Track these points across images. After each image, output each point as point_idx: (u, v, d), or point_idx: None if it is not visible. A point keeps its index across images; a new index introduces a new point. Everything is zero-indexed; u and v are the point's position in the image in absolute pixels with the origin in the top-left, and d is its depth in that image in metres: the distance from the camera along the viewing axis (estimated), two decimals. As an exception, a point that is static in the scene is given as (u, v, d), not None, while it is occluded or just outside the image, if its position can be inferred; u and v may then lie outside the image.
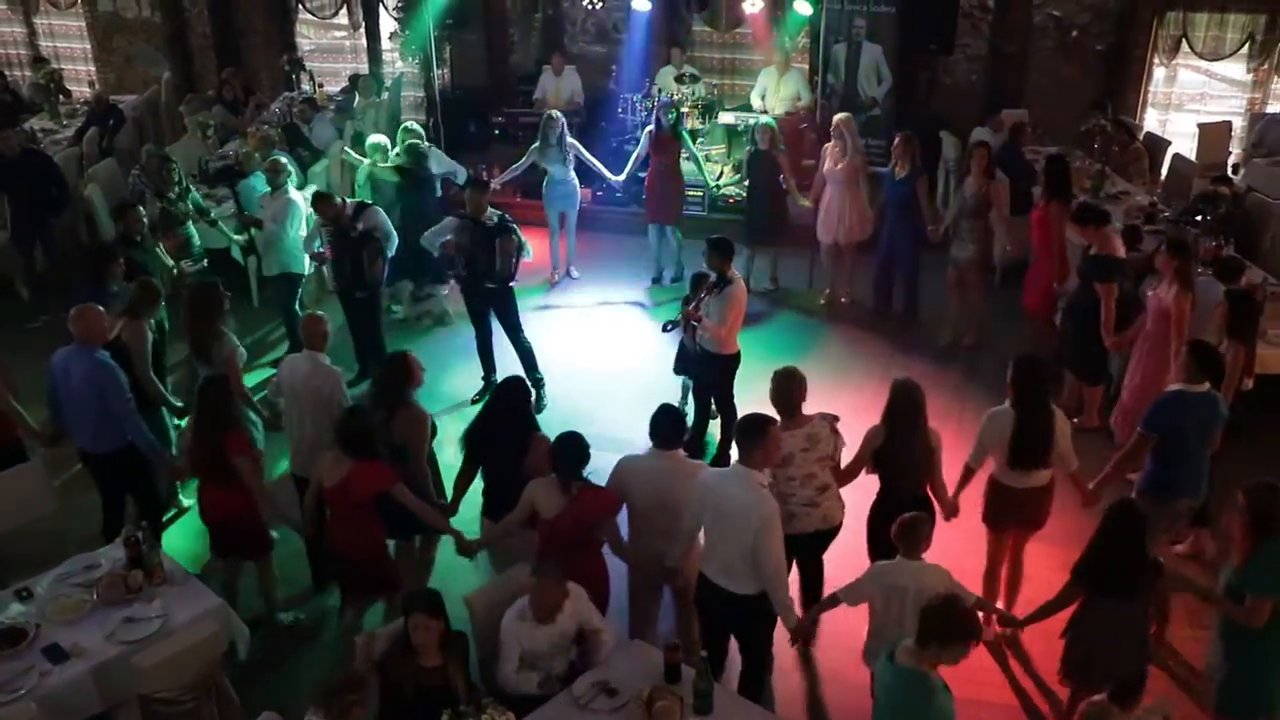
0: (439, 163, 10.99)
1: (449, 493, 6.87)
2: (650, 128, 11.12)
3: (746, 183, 11.18)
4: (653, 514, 5.96)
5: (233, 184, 10.71)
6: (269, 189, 9.78)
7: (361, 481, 6.08)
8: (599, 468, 6.04)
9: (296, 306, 9.75)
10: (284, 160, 10.09)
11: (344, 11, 15.69)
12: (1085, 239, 8.48)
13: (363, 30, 15.74)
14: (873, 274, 10.77)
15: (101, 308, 7.06)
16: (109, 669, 5.61)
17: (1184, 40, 12.92)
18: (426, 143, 11.00)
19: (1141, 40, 12.97)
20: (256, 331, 10.54)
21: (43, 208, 10.91)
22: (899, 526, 5.53)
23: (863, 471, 6.47)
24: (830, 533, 6.44)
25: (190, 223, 9.77)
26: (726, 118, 13.09)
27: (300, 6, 15.78)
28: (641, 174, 11.35)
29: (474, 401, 9.33)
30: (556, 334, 10.48)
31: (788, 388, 6.31)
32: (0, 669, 5.49)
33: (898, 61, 12.81)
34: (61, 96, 14.76)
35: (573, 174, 11.11)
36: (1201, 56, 12.97)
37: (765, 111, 12.59)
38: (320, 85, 14.65)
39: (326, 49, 16.20)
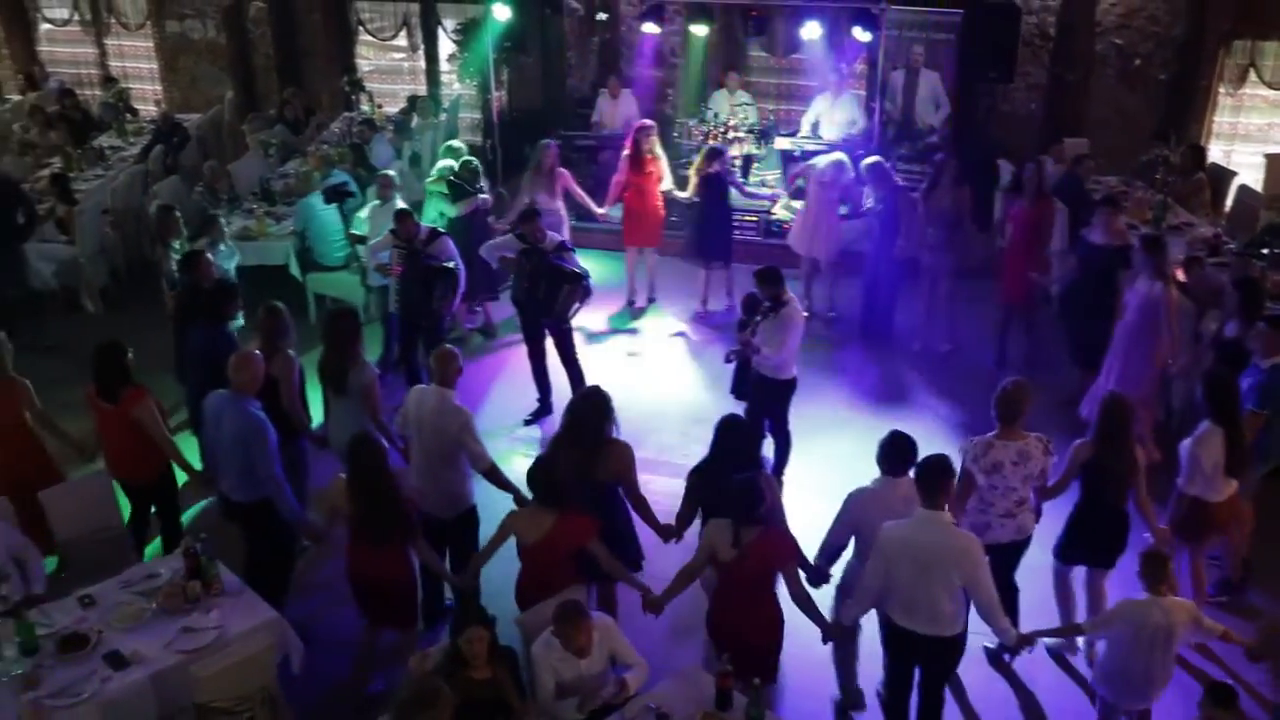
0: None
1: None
2: (626, 152, 11.08)
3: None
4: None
5: (343, 202, 10.79)
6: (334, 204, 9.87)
7: (569, 536, 5.92)
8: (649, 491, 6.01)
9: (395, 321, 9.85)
10: (392, 175, 10.20)
11: (403, 34, 15.89)
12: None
13: (421, 52, 15.92)
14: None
15: (259, 353, 6.84)
16: (167, 677, 5.68)
17: (1251, 69, 12.78)
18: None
19: (1206, 70, 12.85)
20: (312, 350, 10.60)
21: (9, 234, 10.70)
22: (1146, 562, 5.56)
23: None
24: (1024, 544, 6.51)
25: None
26: (782, 143, 13.10)
27: (361, 28, 16.00)
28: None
29: (527, 423, 9.37)
30: (597, 356, 10.42)
31: (1016, 397, 6.32)
32: (63, 673, 5.58)
33: (956, 89, 12.79)
34: (129, 115, 15.06)
35: (560, 204, 10.89)
36: (1270, 86, 12.82)
37: (818, 137, 12.67)
38: (379, 106, 14.83)
39: (385, 70, 16.41)
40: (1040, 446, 6.37)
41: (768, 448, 8.47)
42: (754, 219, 12.33)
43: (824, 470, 8.33)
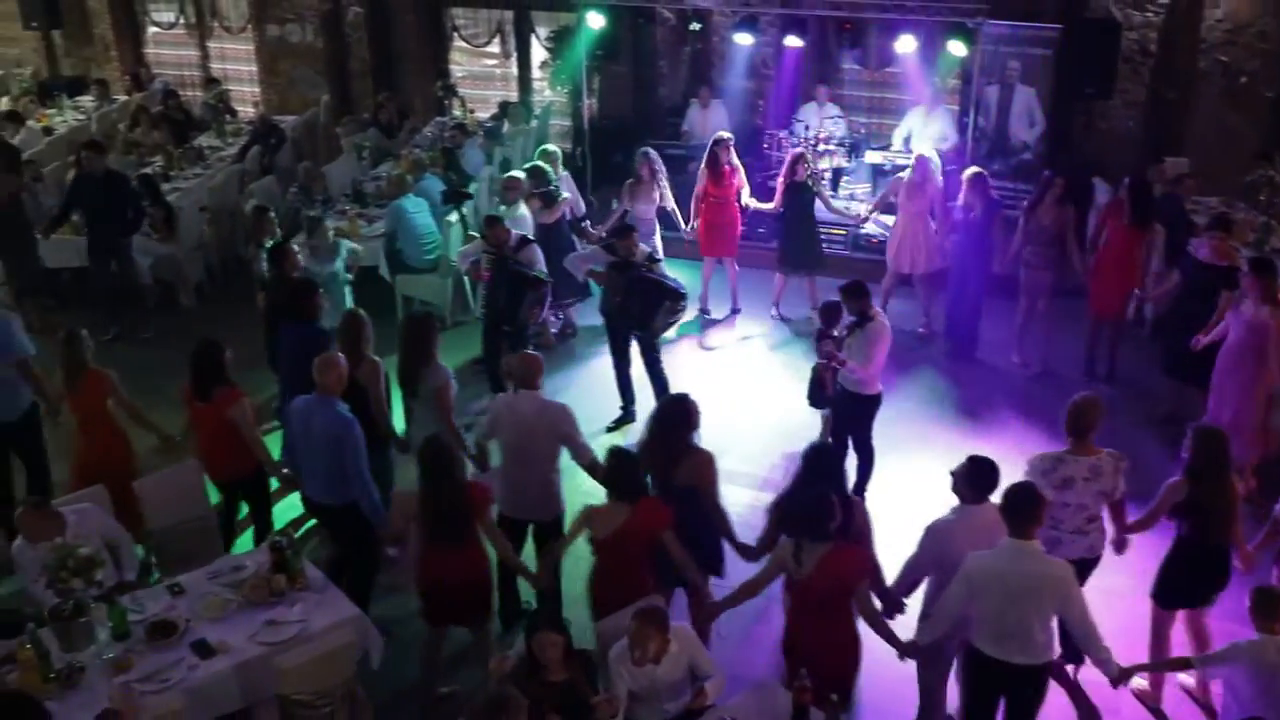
0: (568, 190, 11.11)
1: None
2: (704, 164, 11.09)
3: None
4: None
5: (461, 204, 10.97)
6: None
7: (644, 524, 5.93)
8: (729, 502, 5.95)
9: None
10: (521, 176, 10.35)
11: (496, 40, 16.04)
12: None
13: (514, 59, 16.07)
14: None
15: (342, 356, 6.93)
16: (250, 668, 5.78)
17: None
18: (561, 170, 11.12)
19: (1317, 88, 12.48)
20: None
21: (118, 228, 11.08)
22: (1259, 599, 5.42)
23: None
24: (1093, 562, 6.41)
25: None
26: (873, 157, 12.99)
27: (455, 34, 16.19)
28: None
29: (609, 430, 9.37)
30: (676, 365, 10.28)
31: (1087, 411, 6.24)
32: (152, 659, 5.72)
33: (1052, 105, 12.57)
34: (228, 116, 15.43)
35: (654, 213, 10.93)
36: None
37: (909, 152, 12.52)
38: (471, 111, 14.98)
39: (477, 76, 16.56)
40: (1112, 462, 6.25)
41: (849, 464, 8.49)
42: (842, 232, 12.24)
43: (905, 489, 8.25)
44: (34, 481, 8.06)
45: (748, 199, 11.25)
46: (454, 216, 11.06)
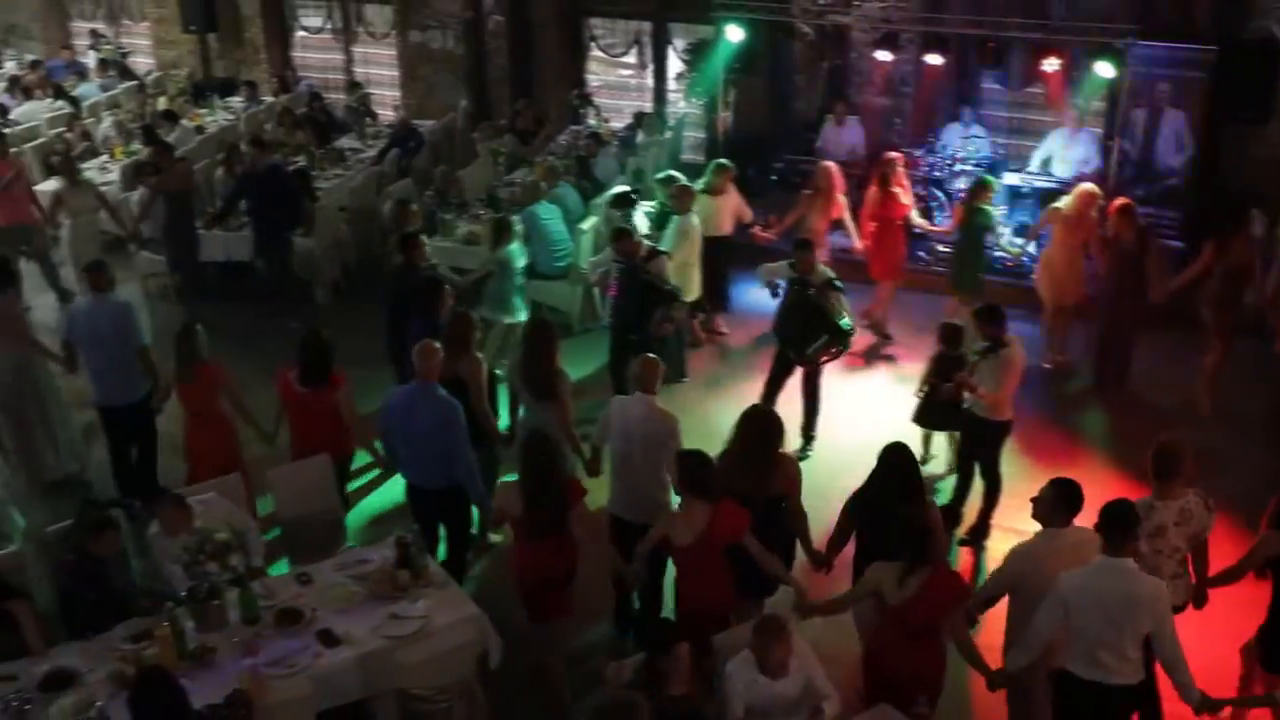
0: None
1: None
2: (872, 185, 10.97)
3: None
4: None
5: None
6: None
7: (727, 523, 5.96)
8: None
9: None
10: (692, 186, 10.43)
11: (633, 51, 16.14)
12: None
13: (650, 70, 16.15)
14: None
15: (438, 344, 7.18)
16: (372, 660, 5.87)
17: None
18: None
19: None
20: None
21: (280, 223, 11.44)
22: None
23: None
24: (1183, 606, 6.17)
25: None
26: (1011, 178, 12.71)
27: (593, 44, 16.34)
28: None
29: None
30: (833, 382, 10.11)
31: (1175, 453, 6.05)
32: (279, 644, 5.86)
33: (1203, 130, 12.15)
34: (369, 119, 15.83)
35: (827, 226, 10.94)
36: None
37: (1049, 174, 12.26)
38: (606, 120, 15.10)
39: (613, 86, 16.67)
40: (1200, 502, 6.05)
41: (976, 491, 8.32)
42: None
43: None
44: (142, 466, 8.48)
45: (918, 221, 11.21)
46: (588, 223, 11.13)
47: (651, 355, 7.20)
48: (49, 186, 12.68)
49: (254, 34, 18.23)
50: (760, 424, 6.50)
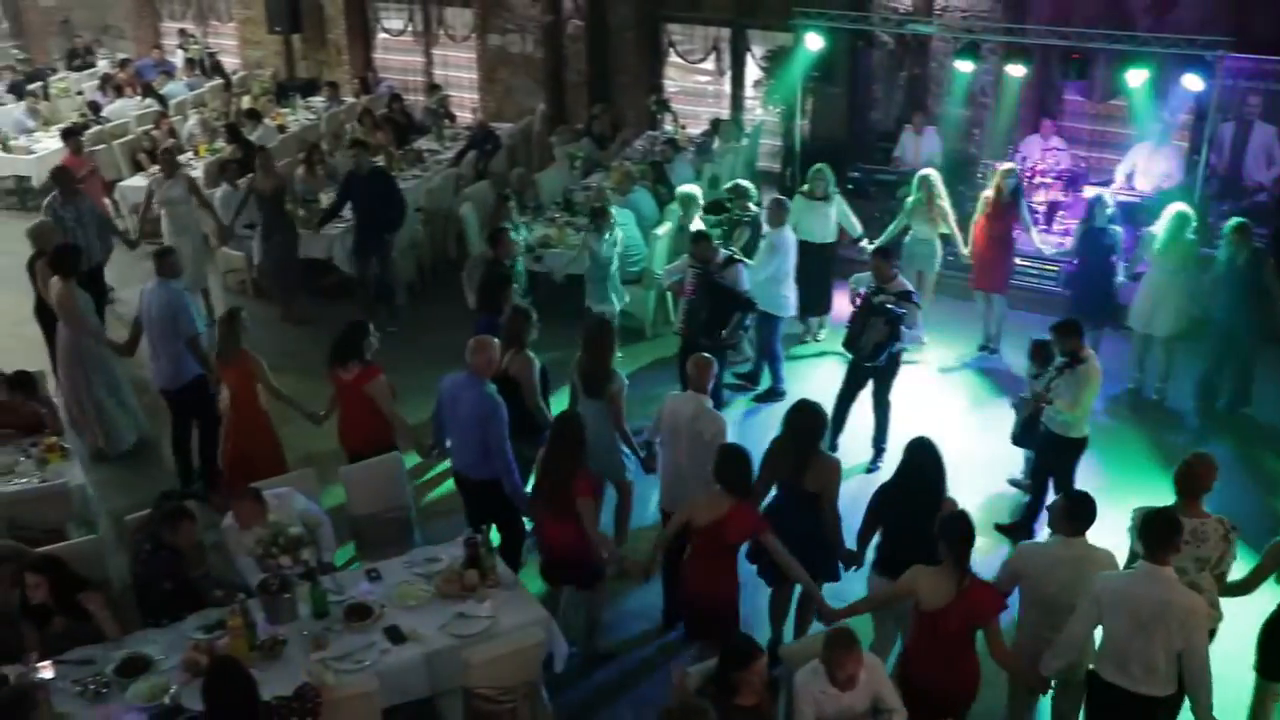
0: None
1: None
2: (987, 193, 10.82)
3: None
4: (1054, 609, 5.74)
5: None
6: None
7: (738, 523, 6.13)
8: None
9: (778, 346, 10.24)
10: (785, 200, 10.44)
11: (712, 57, 16.12)
12: None
13: (727, 76, 16.12)
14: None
15: (496, 340, 7.30)
16: (439, 658, 5.92)
17: None
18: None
19: None
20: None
21: (382, 224, 11.58)
22: None
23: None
24: None
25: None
26: (1091, 192, 12.49)
27: (671, 50, 16.36)
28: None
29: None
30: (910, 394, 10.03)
31: (1199, 471, 6.05)
32: (348, 639, 5.93)
33: (1294, 145, 11.88)
34: (448, 121, 15.97)
35: (936, 235, 10.91)
36: None
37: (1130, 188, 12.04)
38: (683, 126, 15.09)
39: (690, 92, 16.67)
40: (1220, 529, 5.95)
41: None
42: (1054, 268, 11.82)
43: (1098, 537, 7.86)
44: (202, 450, 8.79)
45: (1040, 243, 11.11)
46: (662, 229, 11.13)
47: (705, 355, 7.34)
48: (138, 182, 13.01)
49: (337, 35, 18.50)
50: (805, 418, 6.59)
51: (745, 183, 10.99)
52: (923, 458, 6.31)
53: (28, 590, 5.92)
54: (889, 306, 8.59)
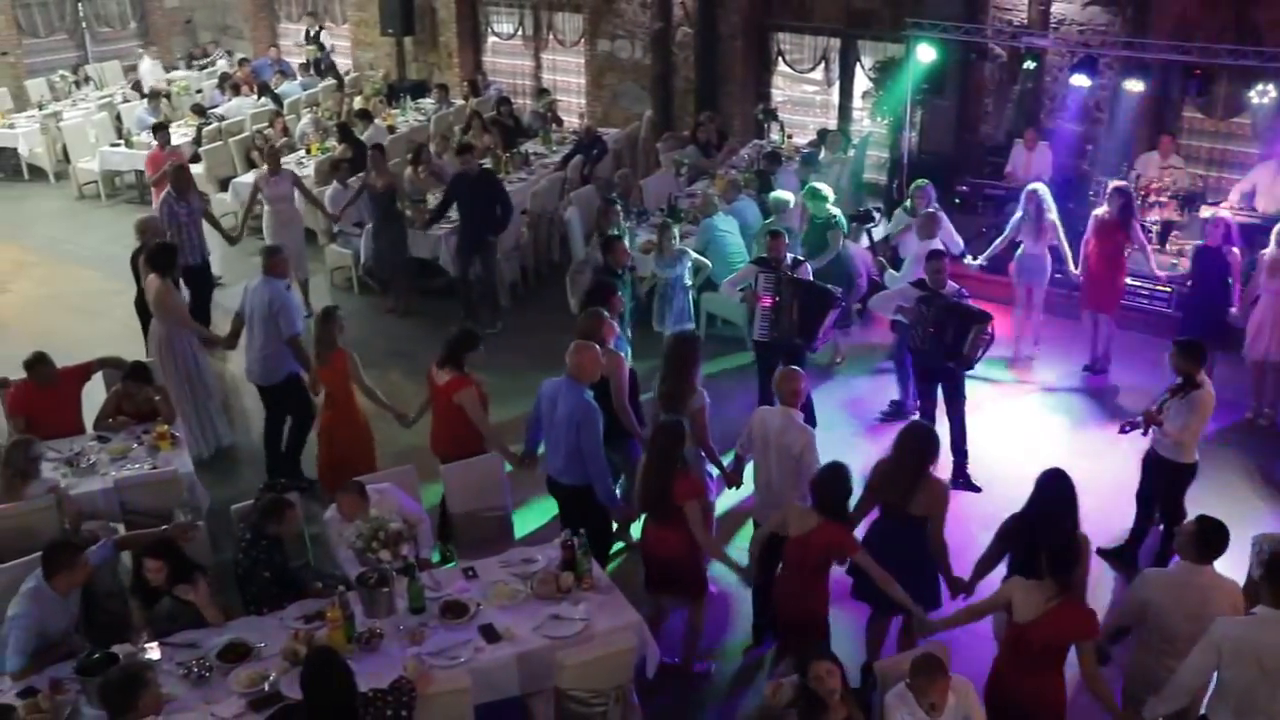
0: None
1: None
2: (1099, 212, 10.57)
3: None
4: (1176, 638, 5.56)
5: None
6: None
7: (823, 539, 6.11)
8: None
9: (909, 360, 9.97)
10: (940, 214, 10.40)
11: (820, 67, 16.03)
12: None
13: (836, 86, 16.00)
14: None
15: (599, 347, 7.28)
16: (532, 658, 5.96)
17: None
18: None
19: None
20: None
21: (487, 226, 11.70)
22: None
23: None
24: None
25: None
26: (1208, 212, 12.13)
27: (780, 59, 16.29)
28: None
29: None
30: (989, 413, 10.00)
31: None
32: (443, 635, 6.01)
33: None
34: (555, 125, 16.10)
35: (1045, 250, 10.71)
36: None
37: (1253, 209, 11.65)
38: (789, 136, 15.02)
39: (797, 101, 16.57)
40: None
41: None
42: (1166, 289, 11.49)
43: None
44: (290, 445, 9.00)
45: (1154, 265, 10.88)
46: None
47: (793, 369, 7.29)
48: (249, 178, 13.33)
49: (448, 38, 18.78)
50: (917, 440, 6.47)
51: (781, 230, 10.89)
52: (1061, 488, 6.16)
53: (147, 573, 6.13)
54: (958, 304, 8.69)
